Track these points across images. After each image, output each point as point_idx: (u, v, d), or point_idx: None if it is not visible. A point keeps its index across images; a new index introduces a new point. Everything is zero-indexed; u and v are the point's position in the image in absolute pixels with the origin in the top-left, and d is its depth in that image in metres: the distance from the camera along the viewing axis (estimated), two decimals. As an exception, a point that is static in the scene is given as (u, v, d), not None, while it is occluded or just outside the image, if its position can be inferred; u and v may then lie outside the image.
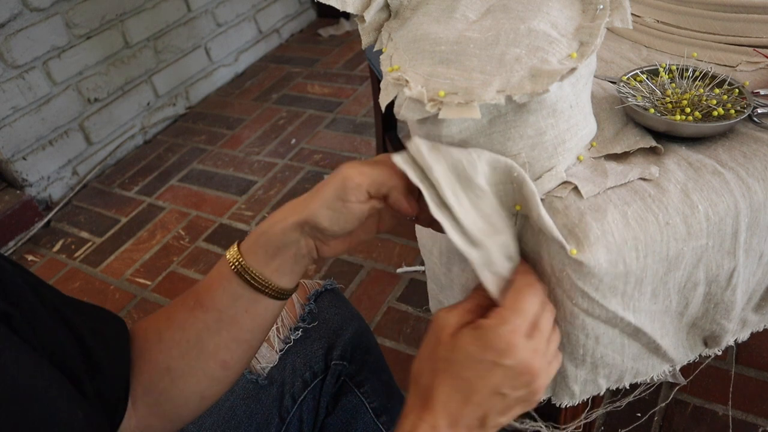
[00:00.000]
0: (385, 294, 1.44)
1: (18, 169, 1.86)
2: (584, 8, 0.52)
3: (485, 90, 0.44)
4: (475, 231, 0.44)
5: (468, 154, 0.45)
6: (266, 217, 0.51)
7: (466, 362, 0.42)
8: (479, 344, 0.42)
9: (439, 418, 0.42)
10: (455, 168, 0.45)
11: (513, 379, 0.42)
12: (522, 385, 0.43)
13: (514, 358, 0.41)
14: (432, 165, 0.44)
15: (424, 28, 0.51)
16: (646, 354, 0.55)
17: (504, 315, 0.43)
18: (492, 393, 0.42)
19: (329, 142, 2.02)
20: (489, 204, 0.46)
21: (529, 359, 0.42)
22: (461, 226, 0.44)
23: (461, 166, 0.45)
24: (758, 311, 0.58)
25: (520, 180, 0.45)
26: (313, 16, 2.94)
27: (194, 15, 2.34)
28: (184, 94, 2.37)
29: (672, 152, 0.53)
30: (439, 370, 0.43)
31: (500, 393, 0.42)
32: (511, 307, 0.43)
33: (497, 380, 0.42)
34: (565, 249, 0.45)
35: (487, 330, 0.42)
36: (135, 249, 1.73)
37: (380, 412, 0.70)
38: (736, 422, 1.06)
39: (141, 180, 2.03)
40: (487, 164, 0.45)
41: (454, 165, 0.45)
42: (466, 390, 0.42)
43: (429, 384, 0.43)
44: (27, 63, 1.82)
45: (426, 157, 0.44)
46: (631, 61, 0.68)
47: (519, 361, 0.42)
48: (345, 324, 0.73)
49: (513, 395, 0.43)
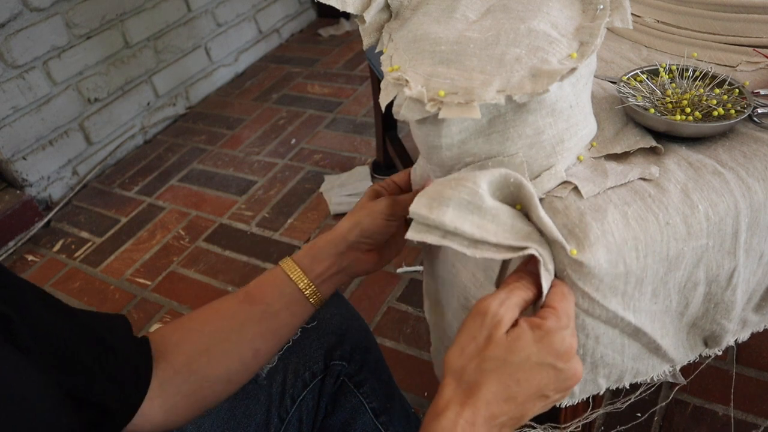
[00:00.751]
0: (385, 294, 1.44)
1: (18, 169, 1.86)
2: (584, 8, 0.52)
3: (485, 90, 0.44)
4: (517, 240, 0.44)
5: (464, 186, 0.43)
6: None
7: (523, 364, 0.41)
8: (542, 347, 0.41)
9: (479, 415, 0.41)
10: (461, 206, 0.43)
11: (562, 382, 0.42)
12: (566, 388, 0.43)
13: (570, 361, 0.42)
14: (442, 220, 0.43)
15: (424, 28, 0.51)
16: (646, 354, 0.55)
17: (560, 317, 0.42)
18: (538, 395, 0.42)
19: (329, 142, 2.02)
20: (507, 214, 0.45)
21: (578, 362, 0.43)
22: (503, 245, 0.44)
23: (465, 202, 0.43)
24: (758, 311, 0.58)
25: (517, 184, 0.45)
26: (313, 16, 2.94)
27: (194, 15, 2.34)
28: (184, 94, 2.37)
29: (672, 152, 0.53)
30: (489, 369, 0.42)
31: (545, 395, 0.42)
32: (562, 309, 0.43)
33: (547, 382, 0.42)
34: (566, 249, 0.45)
35: (550, 333, 0.41)
36: (135, 249, 1.73)
37: (380, 412, 0.70)
38: (736, 422, 1.06)
39: (141, 180, 2.03)
40: (486, 183, 0.44)
41: (459, 204, 0.43)
42: (515, 390, 0.42)
43: (475, 381, 0.42)
44: (27, 63, 1.82)
45: (432, 217, 0.43)
46: (631, 61, 0.67)
47: (573, 365, 0.42)
48: (344, 324, 0.73)
49: (553, 397, 0.43)
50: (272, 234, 1.68)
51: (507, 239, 0.44)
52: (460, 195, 0.43)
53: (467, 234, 0.43)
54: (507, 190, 0.46)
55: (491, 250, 0.43)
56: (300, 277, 0.60)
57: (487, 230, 0.43)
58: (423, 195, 0.44)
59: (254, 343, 0.59)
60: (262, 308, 0.59)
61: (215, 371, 0.57)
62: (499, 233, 0.44)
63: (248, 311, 0.59)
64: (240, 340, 0.58)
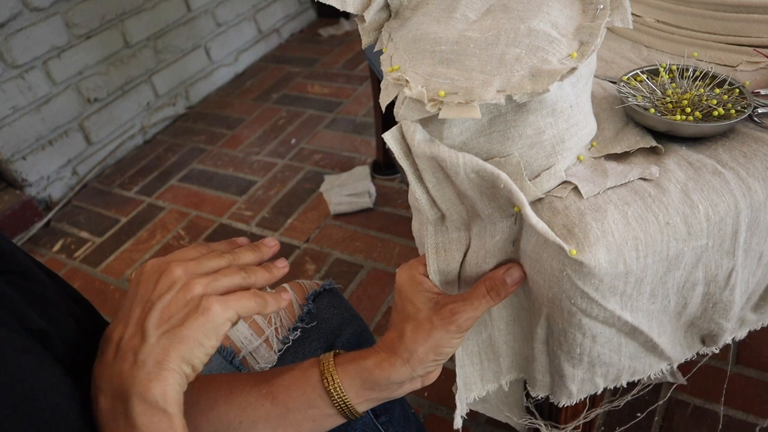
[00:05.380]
0: (385, 294, 1.44)
1: (18, 169, 1.86)
2: (584, 8, 0.52)
3: (485, 90, 0.43)
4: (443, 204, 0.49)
5: (456, 157, 0.45)
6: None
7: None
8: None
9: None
10: (436, 161, 0.46)
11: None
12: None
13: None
14: (417, 146, 0.45)
15: (424, 28, 0.51)
16: (644, 353, 0.55)
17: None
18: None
19: (329, 142, 2.02)
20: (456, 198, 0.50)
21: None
22: (432, 197, 0.49)
23: (444, 165, 0.45)
24: (757, 310, 0.58)
25: (507, 190, 0.45)
26: (313, 16, 2.94)
27: (194, 15, 2.34)
28: (184, 94, 2.37)
29: (672, 152, 0.52)
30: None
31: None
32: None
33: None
34: (565, 250, 0.45)
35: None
36: (135, 249, 1.73)
37: (380, 412, 0.70)
38: (736, 422, 1.06)
39: (141, 180, 2.03)
40: (474, 172, 0.45)
41: (438, 158, 0.46)
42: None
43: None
44: (27, 63, 1.82)
45: (415, 140, 0.46)
46: (631, 61, 0.67)
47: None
48: (344, 324, 0.73)
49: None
50: (272, 234, 1.68)
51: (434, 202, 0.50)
52: (445, 157, 0.46)
53: (420, 170, 0.48)
54: (498, 191, 0.46)
55: (421, 192, 0.50)
56: (341, 397, 0.51)
57: (437, 185, 0.50)
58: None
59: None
60: (282, 412, 0.52)
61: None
62: (440, 192, 0.50)
63: (266, 410, 0.52)
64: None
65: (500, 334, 0.60)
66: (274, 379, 0.54)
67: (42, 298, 0.43)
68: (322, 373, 0.52)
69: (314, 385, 0.52)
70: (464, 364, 0.61)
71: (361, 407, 0.53)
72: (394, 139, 0.47)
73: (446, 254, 0.53)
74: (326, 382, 0.52)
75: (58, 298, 0.45)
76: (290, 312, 0.72)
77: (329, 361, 0.53)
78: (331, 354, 0.54)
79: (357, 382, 0.52)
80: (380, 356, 0.52)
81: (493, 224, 0.50)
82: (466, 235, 0.53)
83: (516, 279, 0.51)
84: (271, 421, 0.52)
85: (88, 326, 0.47)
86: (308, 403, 0.52)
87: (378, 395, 0.53)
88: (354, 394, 0.52)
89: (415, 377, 0.52)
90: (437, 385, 0.69)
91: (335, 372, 0.52)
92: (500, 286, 0.50)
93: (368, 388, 0.52)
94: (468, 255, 0.53)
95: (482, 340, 0.61)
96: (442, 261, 0.53)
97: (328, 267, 1.55)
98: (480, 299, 0.50)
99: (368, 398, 0.53)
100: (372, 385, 0.52)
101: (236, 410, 0.52)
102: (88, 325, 0.47)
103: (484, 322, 0.60)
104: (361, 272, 1.51)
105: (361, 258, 1.55)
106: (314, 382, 0.52)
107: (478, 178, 0.45)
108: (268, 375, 0.55)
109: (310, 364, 0.54)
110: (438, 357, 0.51)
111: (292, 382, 0.53)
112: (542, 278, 0.49)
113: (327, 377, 0.52)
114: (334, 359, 0.53)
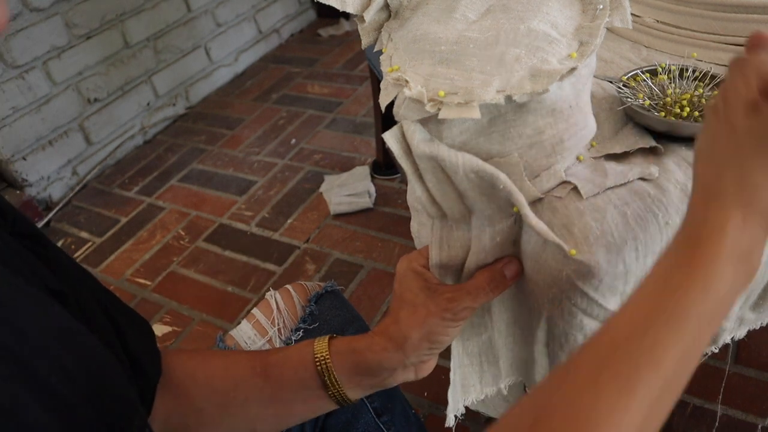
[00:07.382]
0: (385, 294, 1.44)
1: (18, 169, 1.86)
2: (584, 8, 0.52)
3: (485, 90, 0.44)
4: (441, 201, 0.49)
5: (455, 157, 0.45)
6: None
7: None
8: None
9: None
10: (436, 161, 0.46)
11: None
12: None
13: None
14: (417, 146, 0.45)
15: (424, 28, 0.51)
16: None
17: None
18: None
19: (329, 142, 2.02)
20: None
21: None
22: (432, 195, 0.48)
23: (443, 164, 0.45)
24: (756, 309, 0.58)
25: (506, 191, 0.45)
26: (313, 16, 2.94)
27: (194, 15, 2.34)
28: (184, 94, 2.37)
29: (672, 152, 0.53)
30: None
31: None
32: None
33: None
34: (564, 250, 0.45)
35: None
36: (135, 249, 1.74)
37: (381, 411, 0.70)
38: (735, 422, 1.06)
39: (141, 180, 2.03)
40: (473, 172, 0.45)
41: (437, 157, 0.45)
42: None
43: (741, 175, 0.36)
44: (27, 63, 1.82)
45: (414, 140, 0.46)
46: (631, 61, 0.68)
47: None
48: (346, 325, 0.73)
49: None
50: (272, 234, 1.68)
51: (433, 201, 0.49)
52: (444, 157, 0.46)
53: (419, 167, 0.48)
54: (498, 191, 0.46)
55: (420, 187, 0.49)
56: (333, 381, 0.52)
57: (435, 184, 0.49)
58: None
59: (254, 422, 0.53)
60: (274, 391, 0.52)
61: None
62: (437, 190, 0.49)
63: (259, 387, 0.52)
64: (238, 415, 0.53)
65: (500, 336, 0.60)
66: (270, 357, 0.54)
67: (55, 262, 0.43)
68: (315, 353, 0.52)
69: (307, 365, 0.52)
70: (463, 363, 0.61)
71: (352, 393, 0.53)
72: (394, 138, 0.47)
73: (449, 250, 0.53)
74: (318, 363, 0.52)
75: (69, 263, 0.46)
76: (293, 313, 0.73)
77: (323, 342, 0.53)
78: (327, 337, 0.54)
79: (348, 365, 0.52)
80: (373, 340, 0.52)
81: (493, 226, 0.50)
82: (467, 235, 0.53)
83: (514, 272, 0.51)
84: (263, 400, 0.52)
85: (96, 293, 0.47)
86: (300, 383, 0.52)
87: (370, 381, 0.53)
88: (346, 378, 0.52)
89: (408, 365, 0.52)
90: (437, 385, 0.69)
91: (327, 353, 0.52)
92: (499, 279, 0.50)
93: (359, 373, 0.52)
94: (469, 256, 0.53)
95: (482, 342, 0.61)
96: (444, 255, 0.53)
97: (328, 267, 1.55)
98: (478, 290, 0.50)
99: (360, 384, 0.52)
100: (363, 370, 0.52)
101: (232, 387, 0.52)
102: (96, 292, 0.47)
103: (485, 323, 0.60)
104: (361, 272, 1.51)
105: (361, 258, 1.55)
106: (307, 363, 0.52)
107: (478, 179, 0.45)
108: (264, 353, 0.55)
109: (306, 344, 0.54)
110: (432, 345, 0.51)
111: (286, 361, 0.53)
112: (542, 278, 0.49)
113: (319, 357, 0.52)
114: (329, 342, 0.53)
